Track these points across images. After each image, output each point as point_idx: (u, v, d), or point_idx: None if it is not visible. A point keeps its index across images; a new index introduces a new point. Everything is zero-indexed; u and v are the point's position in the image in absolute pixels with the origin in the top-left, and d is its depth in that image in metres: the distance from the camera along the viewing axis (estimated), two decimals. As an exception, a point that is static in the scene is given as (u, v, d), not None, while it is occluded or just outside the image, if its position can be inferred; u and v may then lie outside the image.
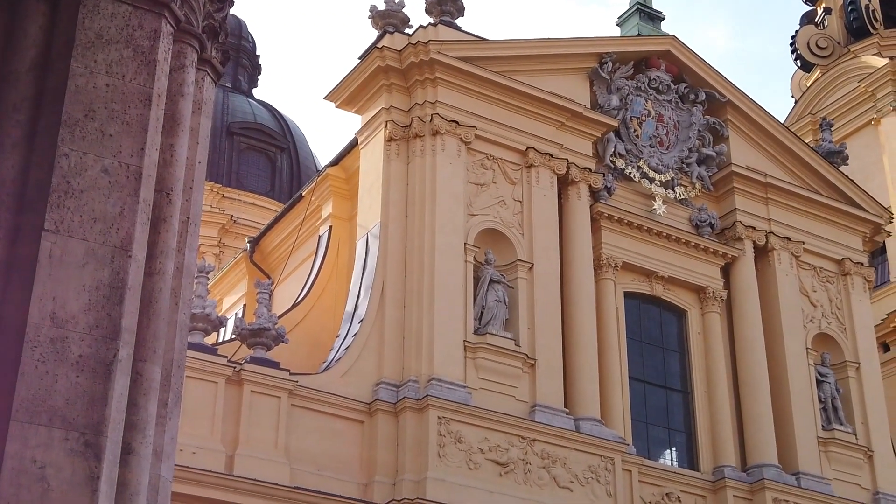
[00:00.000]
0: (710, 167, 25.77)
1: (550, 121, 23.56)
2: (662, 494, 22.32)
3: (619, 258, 23.81)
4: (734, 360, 24.54)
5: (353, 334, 20.79)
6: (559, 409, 21.32)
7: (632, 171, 24.65)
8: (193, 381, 18.33)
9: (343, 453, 19.69)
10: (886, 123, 34.27)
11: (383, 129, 22.37)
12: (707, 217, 25.18)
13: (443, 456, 19.69)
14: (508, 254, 22.32)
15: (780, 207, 26.03)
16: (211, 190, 39.03)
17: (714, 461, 23.28)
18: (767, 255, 25.63)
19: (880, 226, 27.35)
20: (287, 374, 19.51)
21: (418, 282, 21.11)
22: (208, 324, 19.32)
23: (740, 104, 26.50)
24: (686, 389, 24.09)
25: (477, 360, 20.97)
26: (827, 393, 24.85)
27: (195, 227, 6.03)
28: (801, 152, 26.98)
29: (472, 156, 22.64)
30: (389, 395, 20.17)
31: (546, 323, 21.88)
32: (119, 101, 5.53)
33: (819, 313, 25.74)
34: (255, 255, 26.67)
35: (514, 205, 22.75)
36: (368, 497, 19.31)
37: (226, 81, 44.11)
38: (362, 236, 22.21)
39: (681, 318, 24.67)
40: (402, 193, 22.06)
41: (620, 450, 21.49)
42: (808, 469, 23.65)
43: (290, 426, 19.30)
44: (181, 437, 17.27)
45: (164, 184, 5.70)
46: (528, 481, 20.36)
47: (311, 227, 24.70)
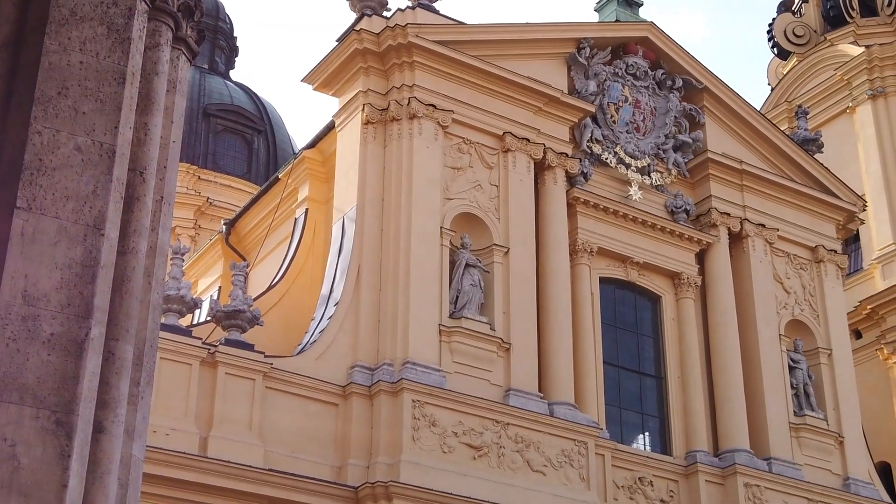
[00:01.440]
0: (686, 153, 25.87)
1: (528, 105, 23.57)
2: (635, 479, 22.45)
3: (595, 243, 23.88)
4: (708, 346, 24.68)
5: (329, 317, 20.78)
6: (533, 393, 21.39)
7: (608, 156, 24.71)
8: (168, 363, 18.30)
9: (317, 436, 19.70)
10: (861, 112, 34.45)
11: (360, 113, 22.33)
12: (682, 203, 25.28)
13: (417, 439, 19.73)
14: (484, 238, 22.35)
15: (755, 194, 26.16)
16: (187, 172, 38.88)
17: (686, 446, 23.42)
18: (742, 242, 25.77)
19: (854, 213, 27.54)
20: (262, 357, 19.49)
21: (394, 265, 21.12)
22: (183, 305, 19.27)
23: (717, 91, 26.59)
24: (660, 375, 24.22)
25: (452, 343, 21.01)
26: (799, 379, 25.03)
27: (169, 206, 6.01)
28: (777, 140, 27.11)
29: (449, 140, 22.63)
30: (364, 378, 20.18)
31: (521, 307, 21.93)
32: (93, 78, 5.50)
33: (792, 300, 25.92)
34: (230, 237, 26.59)
35: (491, 189, 22.76)
36: (342, 480, 19.34)
37: (202, 63, 43.90)
38: (338, 219, 22.18)
39: (655, 304, 24.78)
40: (379, 177, 22.03)
41: (594, 434, 21.59)
42: (779, 454, 23.84)
43: (264, 408, 19.29)
44: (155, 419, 17.24)
45: (138, 163, 5.67)
46: (502, 465, 20.44)
47: (288, 209, 24.65)
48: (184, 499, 17.90)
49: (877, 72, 34.42)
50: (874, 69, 34.47)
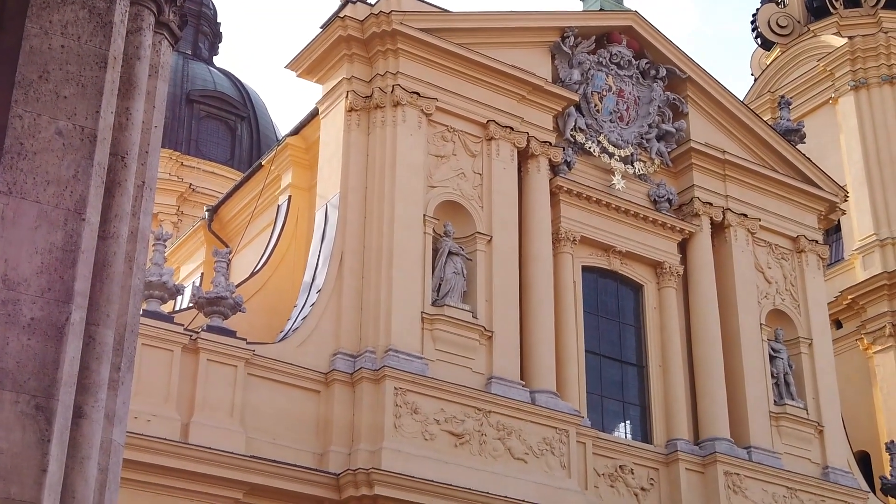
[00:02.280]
0: (669, 143, 25.92)
1: (511, 94, 23.57)
2: (616, 467, 22.54)
3: (578, 232, 23.92)
4: (689, 335, 24.77)
5: (311, 304, 20.77)
6: (515, 381, 21.44)
7: (591, 145, 24.74)
8: (149, 349, 18.27)
9: (299, 423, 19.70)
10: (844, 103, 34.58)
11: (344, 100, 22.29)
12: (665, 192, 25.34)
13: (399, 426, 19.75)
14: (467, 226, 22.36)
15: (738, 184, 26.24)
16: (170, 158, 38.76)
17: (667, 434, 23.52)
18: (724, 232, 25.85)
19: (835, 204, 27.65)
20: (244, 343, 19.47)
21: (377, 253, 21.11)
22: (165, 292, 19.22)
23: (700, 81, 26.64)
24: (641, 363, 24.30)
25: (434, 331, 21.03)
26: (779, 368, 25.16)
27: (150, 191, 5.99)
28: (760, 130, 27.19)
29: (433, 128, 22.62)
30: (346, 366, 20.18)
31: (504, 295, 21.96)
32: (74, 62, 5.48)
33: (773, 290, 26.02)
34: (213, 223, 26.54)
35: (474, 177, 22.77)
36: (324, 466, 19.35)
37: (186, 48, 43.73)
38: (321, 206, 22.15)
39: (637, 293, 24.85)
40: (362, 164, 22.01)
41: (575, 422, 21.65)
42: (759, 443, 23.97)
43: (246, 395, 19.28)
44: (136, 405, 17.22)
45: (120, 147, 5.66)
46: (484, 452, 20.48)
47: (271, 196, 24.61)
48: (165, 485, 17.89)
49: (859, 63, 34.54)
50: (857, 60, 34.59)
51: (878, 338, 31.03)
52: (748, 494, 23.23)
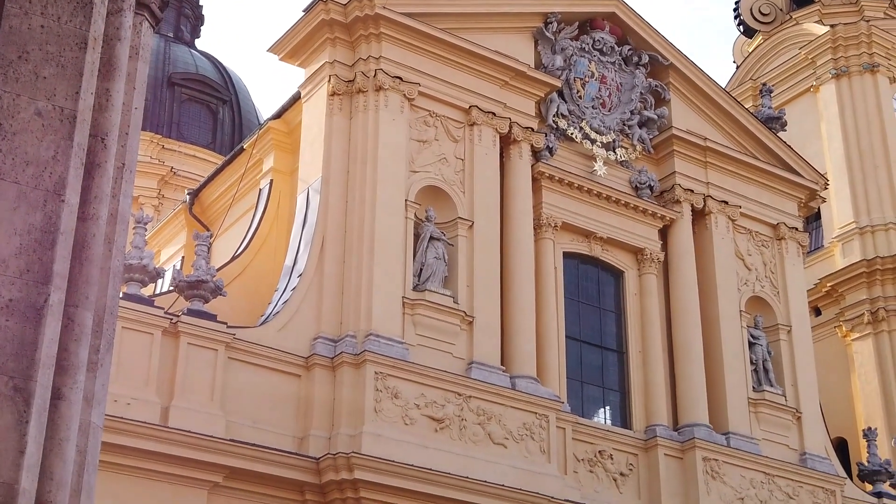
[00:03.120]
0: (651, 130, 25.97)
1: (494, 79, 23.55)
2: (595, 452, 22.63)
3: (559, 218, 23.96)
4: (669, 322, 24.86)
5: (292, 288, 20.75)
6: (496, 366, 21.48)
7: (574, 131, 24.76)
8: (129, 333, 18.24)
9: (279, 407, 19.70)
10: (825, 91, 34.71)
11: (326, 84, 22.23)
12: (647, 179, 25.40)
13: (379, 411, 19.77)
14: (449, 211, 22.37)
15: (719, 171, 26.32)
16: (151, 141, 38.63)
17: (647, 420, 23.63)
18: (705, 219, 25.93)
19: (816, 192, 27.77)
20: (224, 327, 19.44)
21: (358, 237, 21.10)
22: (145, 275, 19.16)
23: (683, 68, 26.68)
24: (621, 349, 24.38)
25: (415, 316, 21.04)
26: (758, 355, 25.28)
27: (130, 173, 5.98)
28: (741, 117, 27.27)
29: (415, 112, 22.59)
30: (327, 350, 20.19)
31: (485, 281, 21.99)
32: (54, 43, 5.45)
33: (753, 277, 26.14)
34: (194, 207, 26.45)
35: (456, 162, 22.77)
36: (304, 450, 19.36)
37: (168, 31, 43.54)
38: (303, 190, 22.12)
39: (618, 279, 24.92)
40: (344, 148, 21.97)
41: (555, 408, 21.72)
42: (737, 429, 24.10)
43: (226, 379, 19.26)
44: (116, 388, 17.23)
45: (100, 128, 5.63)
46: (464, 437, 20.53)
47: (252, 180, 24.54)
48: (144, 468, 17.86)
49: (841, 51, 34.66)
50: (838, 48, 34.71)
51: (856, 325, 31.24)
52: (726, 480, 23.37)
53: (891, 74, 34.57)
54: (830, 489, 24.73)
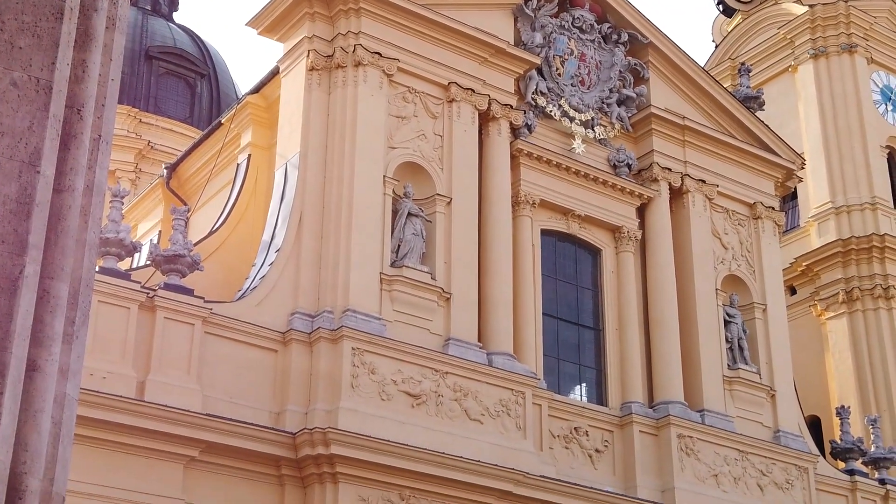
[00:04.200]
0: (629, 108, 26.00)
1: (473, 56, 23.52)
2: (571, 428, 22.75)
3: (537, 195, 24.00)
4: (646, 299, 24.97)
5: (270, 263, 20.73)
6: (473, 342, 21.54)
7: (552, 109, 24.77)
8: (105, 306, 18.19)
9: (256, 382, 19.71)
10: (803, 71, 34.81)
11: (305, 59, 22.14)
12: (625, 157, 25.45)
13: (356, 386, 19.80)
14: (427, 188, 22.36)
15: (697, 150, 26.40)
16: (128, 114, 38.40)
17: (622, 397, 23.76)
18: (682, 197, 26.02)
19: (792, 171, 27.89)
20: (201, 302, 19.41)
21: (336, 213, 21.08)
22: (122, 249, 19.09)
23: (662, 46, 26.70)
24: (598, 327, 24.49)
25: (393, 292, 21.06)
26: (734, 333, 25.44)
27: (107, 145, 5.94)
28: (719, 96, 27.33)
29: (394, 88, 22.54)
30: (304, 325, 20.19)
31: (462, 258, 22.02)
32: (30, 12, 5.41)
33: (729, 255, 26.27)
34: (171, 181, 26.36)
35: (435, 139, 22.75)
36: (280, 425, 19.39)
37: (145, 4, 43.22)
38: (281, 165, 22.06)
39: (595, 257, 25.00)
40: (323, 124, 21.92)
41: (531, 384, 21.81)
42: (712, 407, 24.27)
43: (203, 354, 19.24)
44: (92, 362, 17.19)
45: (76, 100, 5.59)
46: (440, 413, 20.60)
47: (230, 154, 24.46)
48: (120, 442, 17.85)
49: (819, 31, 34.75)
50: (817, 29, 34.79)
51: (831, 304, 31.46)
52: (700, 457, 23.55)
53: (868, 55, 34.71)
54: (803, 466, 24.96)
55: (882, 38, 35.22)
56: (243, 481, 19.00)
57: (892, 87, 35.09)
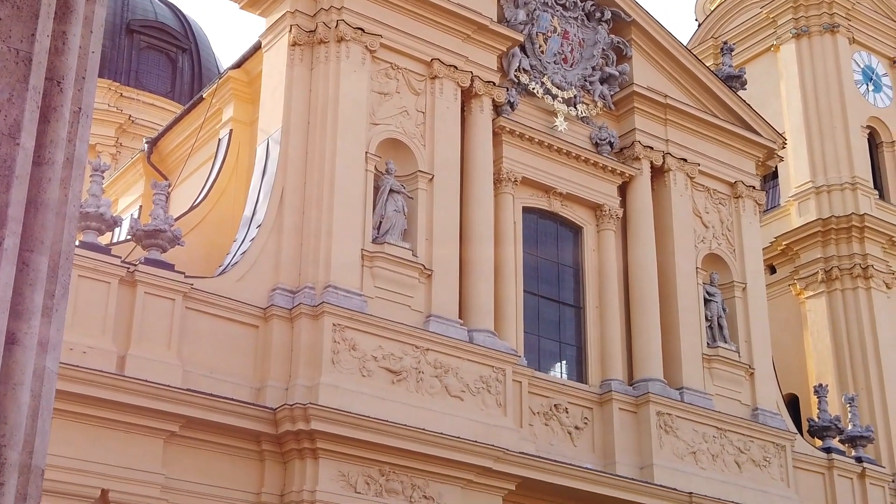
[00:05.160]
0: (612, 86, 26.01)
1: (456, 32, 23.46)
2: (551, 405, 22.85)
3: (519, 173, 24.01)
4: (626, 277, 25.05)
5: (251, 239, 20.69)
6: (453, 319, 21.58)
7: (535, 86, 24.76)
8: (86, 281, 18.14)
9: (237, 357, 19.70)
10: (785, 51, 34.85)
11: (287, 34, 22.04)
12: (607, 135, 25.47)
13: (336, 362, 19.82)
14: (409, 164, 22.34)
15: (678, 129, 26.44)
16: (108, 88, 38.16)
17: (602, 375, 23.86)
18: (663, 176, 26.08)
19: (773, 151, 27.98)
20: (182, 277, 19.37)
21: (318, 189, 21.04)
22: (102, 223, 19.01)
23: (645, 24, 26.70)
24: (578, 304, 24.56)
25: (374, 268, 21.07)
26: (713, 311, 25.56)
27: (87, 118, 5.91)
28: (702, 75, 27.36)
29: (377, 64, 22.48)
30: (285, 301, 20.18)
31: (444, 234, 22.03)
32: (9, -16, 5.37)
33: (710, 234, 26.37)
34: (152, 156, 26.23)
35: (417, 115, 22.71)
36: (261, 401, 19.40)
37: (126, -23, 42.82)
38: (263, 141, 21.99)
39: (577, 235, 25.05)
40: (305, 99, 21.85)
41: (512, 361, 21.87)
42: (691, 384, 24.41)
43: (183, 329, 19.22)
44: (72, 337, 17.16)
45: (56, 72, 5.56)
46: (420, 390, 20.64)
47: (212, 129, 24.36)
48: (101, 416, 17.83)
49: (801, 11, 34.76)
50: (799, 8, 34.80)
51: (810, 283, 31.62)
52: (679, 434, 23.69)
53: (850, 35, 34.77)
54: (781, 444, 25.15)
55: (864, 19, 35.29)
56: (223, 456, 19.02)
57: (874, 67, 35.19)
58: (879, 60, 35.43)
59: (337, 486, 19.15)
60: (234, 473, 19.02)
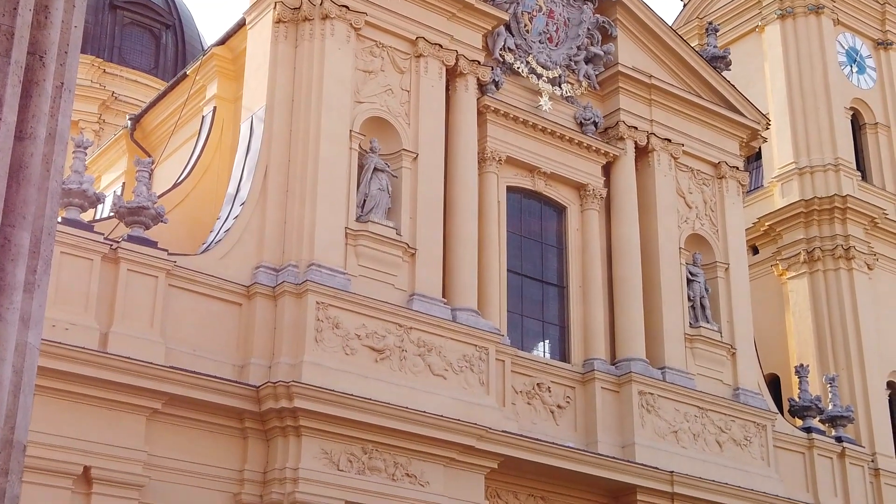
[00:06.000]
0: (597, 66, 26.00)
1: (441, 11, 23.39)
2: (534, 384, 22.92)
3: (503, 152, 24.00)
4: (610, 257, 25.11)
5: (234, 217, 20.65)
6: (437, 298, 21.60)
7: (520, 66, 24.73)
8: (68, 258, 18.08)
9: (220, 335, 19.68)
10: (770, 31, 34.86)
11: (272, 11, 21.94)
12: (591, 115, 25.47)
13: (320, 341, 19.82)
14: (394, 143, 22.31)
15: (663, 109, 26.46)
16: (91, 64, 37.96)
17: (585, 354, 23.94)
18: (647, 156, 26.12)
19: (757, 132, 28.04)
20: (165, 254, 19.32)
21: (302, 167, 21.00)
22: (85, 200, 18.93)
23: (630, 4, 26.68)
24: (562, 284, 24.61)
25: (358, 247, 21.06)
26: (696, 292, 25.65)
27: (70, 93, 5.89)
28: (686, 55, 27.38)
29: (362, 42, 22.41)
30: (268, 279, 20.16)
31: (428, 213, 22.03)
32: (-9, -43, 5.34)
33: (693, 214, 26.44)
34: (136, 132, 26.13)
35: (402, 94, 22.66)
36: (244, 379, 19.40)
37: (110, -48, 42.52)
38: (247, 118, 21.92)
39: (560, 214, 25.08)
40: (289, 77, 21.77)
41: (495, 340, 21.91)
42: (673, 364, 24.52)
43: (166, 306, 19.18)
44: (55, 313, 17.12)
45: (38, 46, 5.54)
46: (404, 368, 20.67)
47: (195, 106, 24.27)
48: (83, 393, 17.80)
49: (787, -9, 34.77)
50: (785, -11, 34.81)
51: (792, 264, 31.74)
52: (661, 413, 23.81)
53: (835, 16, 34.80)
54: (762, 424, 25.30)
55: (848, 0, 35.32)
56: (206, 434, 19.03)
57: (858, 49, 35.26)
58: (863, 42, 35.50)
59: (320, 464, 19.19)
60: (216, 451, 19.04)
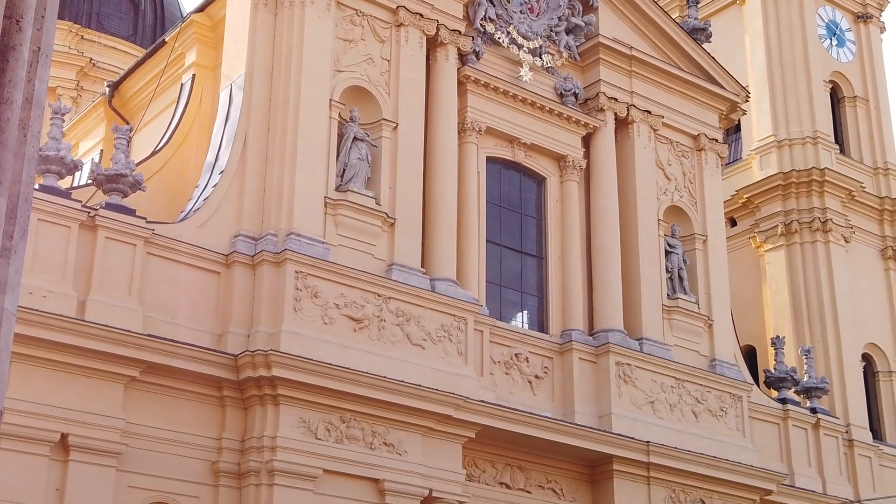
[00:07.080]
0: (577, 37, 25.97)
1: (422, -21, 23.29)
2: (512, 355, 23.00)
3: (484, 123, 23.98)
4: (589, 228, 25.17)
5: (213, 185, 20.58)
6: (416, 268, 21.62)
7: (501, 36, 24.67)
8: (46, 225, 18.00)
9: (198, 303, 19.66)
10: (750, 4, 34.85)
11: (251, -23, 21.80)
12: (572, 86, 25.46)
13: (298, 310, 19.83)
14: (373, 112, 22.25)
15: (643, 81, 26.47)
16: (69, 31, 37.65)
17: (563, 325, 24.03)
18: (627, 128, 26.15)
19: (737, 104, 28.10)
20: (143, 222, 19.25)
21: (281, 135, 20.93)
22: (63, 167, 18.83)
23: (611, -25, 26.62)
24: (541, 255, 24.67)
25: (337, 216, 21.04)
26: (674, 263, 25.76)
27: (46, 58, 5.86)
28: (667, 27, 27.36)
29: (342, 11, 22.30)
30: (247, 248, 20.13)
31: (407, 183, 22.01)
32: (-34, -80, 5.29)
33: (672, 186, 26.51)
34: (114, 99, 25.96)
35: (382, 63, 22.58)
36: (222, 347, 19.40)
37: (88, -83, 42.08)
38: (226, 86, 21.81)
39: (540, 185, 25.11)
40: (269, 45, 21.66)
41: (473, 310, 21.97)
42: (651, 335, 24.65)
43: (144, 274, 19.13)
44: (32, 281, 17.07)
45: (15, 10, 5.50)
46: (382, 338, 20.70)
47: (174, 74, 24.11)
48: (61, 361, 17.76)
49: (767, -36, 34.75)
50: (765, -39, 34.79)
51: (770, 236, 31.89)
52: (638, 384, 23.95)
53: (816, -11, 34.83)
54: (737, 394, 25.49)
55: (829, -27, 35.35)
56: (184, 402, 19.04)
57: (838, 22, 35.31)
58: (843, 15, 35.55)
59: (298, 433, 19.24)
60: (194, 419, 19.06)
